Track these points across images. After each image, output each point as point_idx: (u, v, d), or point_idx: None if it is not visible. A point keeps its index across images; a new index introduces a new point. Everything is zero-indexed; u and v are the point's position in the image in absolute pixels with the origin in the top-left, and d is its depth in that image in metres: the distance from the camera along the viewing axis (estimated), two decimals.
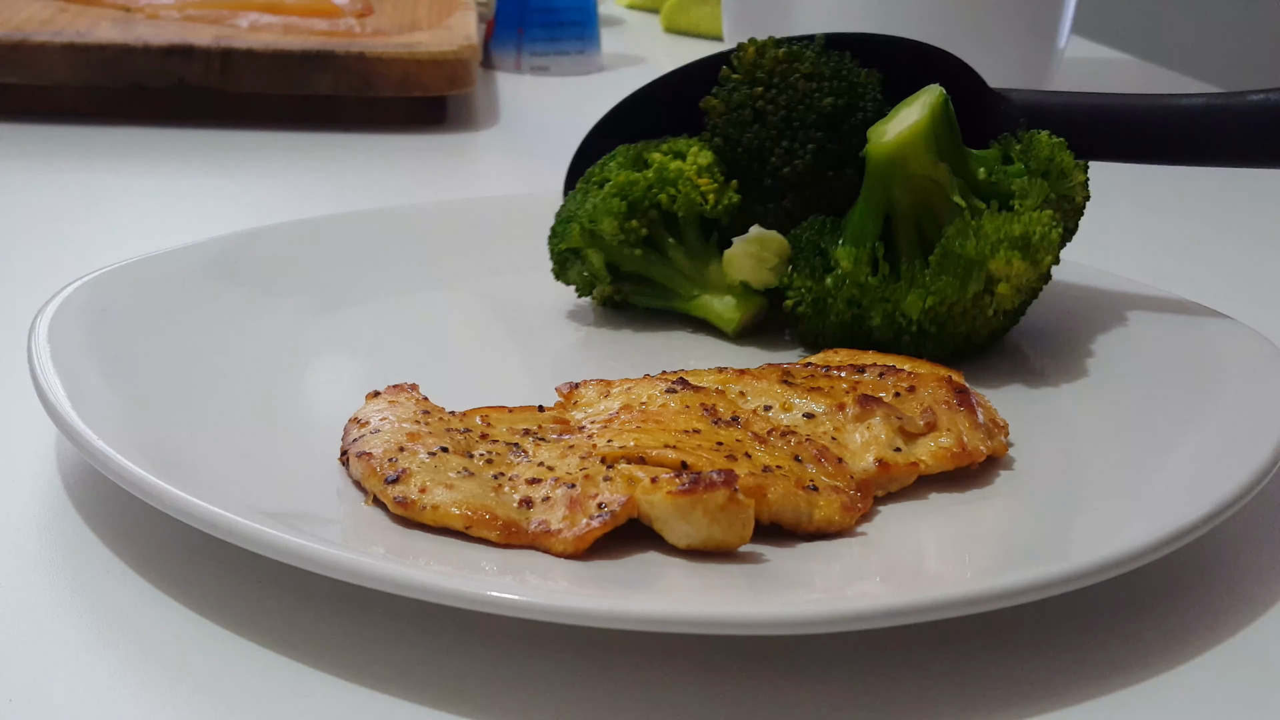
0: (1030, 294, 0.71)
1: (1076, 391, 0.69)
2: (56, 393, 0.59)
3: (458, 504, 0.54)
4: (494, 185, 1.13)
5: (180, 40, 1.18)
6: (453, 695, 0.48)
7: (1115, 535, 0.53)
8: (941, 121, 0.68)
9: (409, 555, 0.52)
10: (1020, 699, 0.49)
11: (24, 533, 0.57)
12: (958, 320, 0.69)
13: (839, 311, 0.71)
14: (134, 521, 0.57)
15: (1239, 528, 0.60)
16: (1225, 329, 0.72)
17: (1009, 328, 0.73)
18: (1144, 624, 0.53)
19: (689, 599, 0.51)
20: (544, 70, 1.49)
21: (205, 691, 0.48)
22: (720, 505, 0.53)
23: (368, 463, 0.56)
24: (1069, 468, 0.62)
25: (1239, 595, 0.56)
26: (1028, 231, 0.67)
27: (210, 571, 0.54)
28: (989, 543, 0.57)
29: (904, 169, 0.69)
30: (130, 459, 0.54)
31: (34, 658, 0.49)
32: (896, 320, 0.69)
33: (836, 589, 0.53)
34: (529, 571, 0.51)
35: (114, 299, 0.70)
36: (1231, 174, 1.24)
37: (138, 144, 1.17)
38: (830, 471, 0.58)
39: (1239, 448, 0.59)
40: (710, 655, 0.50)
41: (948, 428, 0.61)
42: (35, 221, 0.97)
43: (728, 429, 0.60)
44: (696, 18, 1.75)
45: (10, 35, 1.17)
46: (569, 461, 0.57)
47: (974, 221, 0.68)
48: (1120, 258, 0.86)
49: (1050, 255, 0.68)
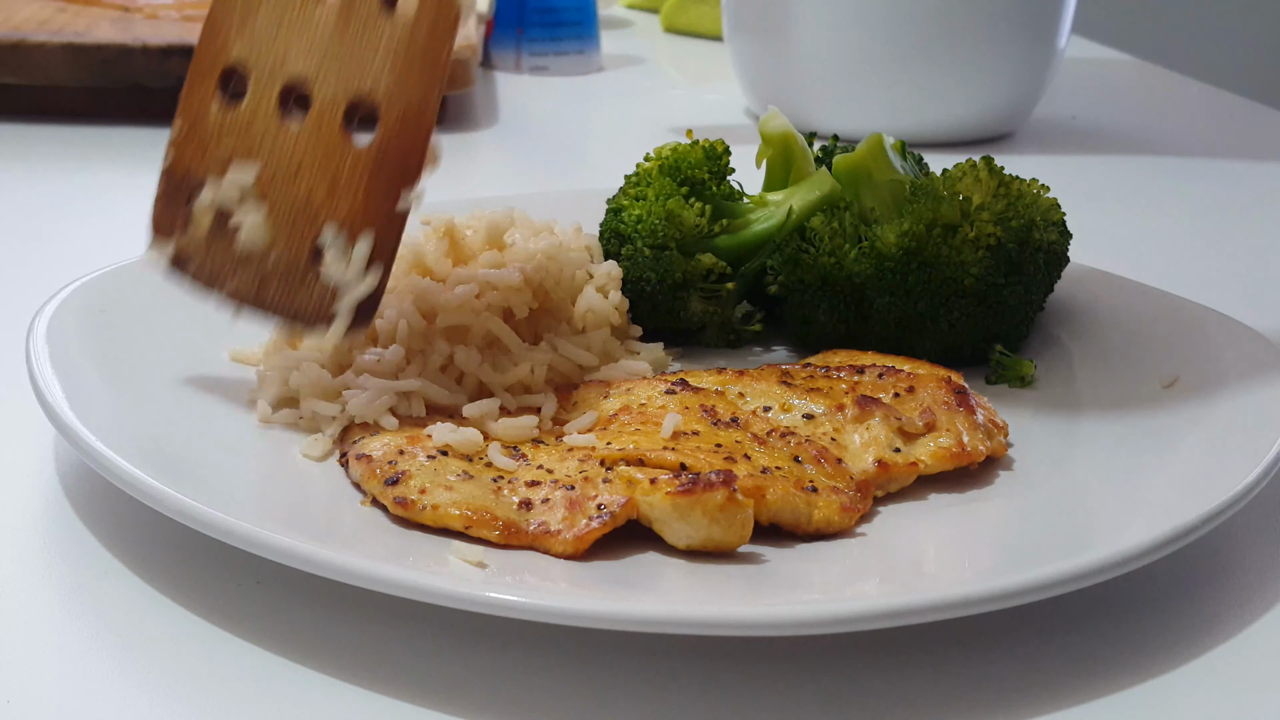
0: (1014, 246, 0.70)
1: (1076, 392, 0.69)
2: (55, 393, 0.59)
3: (457, 504, 0.54)
4: (493, 185, 1.13)
5: (179, 40, 1.18)
6: (452, 695, 0.48)
7: (1115, 535, 0.52)
8: (883, 148, 0.74)
9: (408, 557, 0.52)
10: (1020, 699, 0.49)
11: (22, 533, 0.57)
12: (937, 245, 0.69)
13: (821, 259, 0.71)
14: (132, 523, 0.57)
15: (1239, 528, 0.60)
16: (1225, 329, 0.72)
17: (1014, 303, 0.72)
18: (1144, 624, 0.53)
19: (688, 600, 0.51)
20: (543, 70, 1.49)
21: (204, 691, 0.48)
22: (719, 505, 0.53)
23: (367, 465, 0.56)
24: (1069, 468, 0.62)
25: (1239, 595, 0.55)
26: (992, 165, 0.71)
27: (208, 573, 0.54)
28: (988, 543, 0.57)
29: (867, 174, 0.74)
30: (128, 460, 0.54)
31: (33, 658, 0.49)
32: (877, 249, 0.70)
33: (836, 590, 0.53)
34: (529, 572, 0.51)
35: (113, 300, 0.70)
36: (1231, 174, 1.24)
37: (137, 144, 1.16)
38: (830, 472, 0.58)
39: (1239, 448, 0.59)
40: (710, 655, 0.50)
41: (947, 428, 0.61)
42: (34, 221, 0.97)
43: (727, 430, 0.60)
44: (696, 18, 1.75)
45: (9, 35, 1.17)
46: (568, 464, 0.57)
47: (939, 177, 0.72)
48: (1120, 258, 0.86)
49: (1018, 182, 0.71)
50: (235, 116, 0.62)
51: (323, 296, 0.60)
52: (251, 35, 0.62)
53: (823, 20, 1.21)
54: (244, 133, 0.62)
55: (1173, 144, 1.33)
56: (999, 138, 1.28)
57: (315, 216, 0.60)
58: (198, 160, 0.63)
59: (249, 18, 0.62)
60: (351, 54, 0.60)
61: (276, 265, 0.61)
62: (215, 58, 0.63)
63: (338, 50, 0.61)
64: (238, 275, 0.62)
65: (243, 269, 0.62)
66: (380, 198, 0.59)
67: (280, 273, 0.61)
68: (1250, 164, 1.28)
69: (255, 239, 0.61)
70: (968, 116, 1.24)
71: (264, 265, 0.61)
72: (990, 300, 0.70)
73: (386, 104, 0.60)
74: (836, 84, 1.22)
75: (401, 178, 0.59)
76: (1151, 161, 1.26)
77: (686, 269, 0.74)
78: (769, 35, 1.25)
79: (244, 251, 0.61)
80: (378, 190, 0.59)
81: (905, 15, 1.19)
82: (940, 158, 0.82)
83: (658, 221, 0.73)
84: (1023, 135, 1.30)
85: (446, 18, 0.59)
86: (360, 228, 0.60)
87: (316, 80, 0.61)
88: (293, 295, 0.61)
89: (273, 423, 0.62)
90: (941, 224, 0.70)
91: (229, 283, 0.62)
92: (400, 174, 0.59)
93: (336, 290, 0.60)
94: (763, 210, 0.76)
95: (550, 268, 0.70)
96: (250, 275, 0.61)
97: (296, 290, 0.60)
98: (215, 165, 0.62)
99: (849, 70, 1.21)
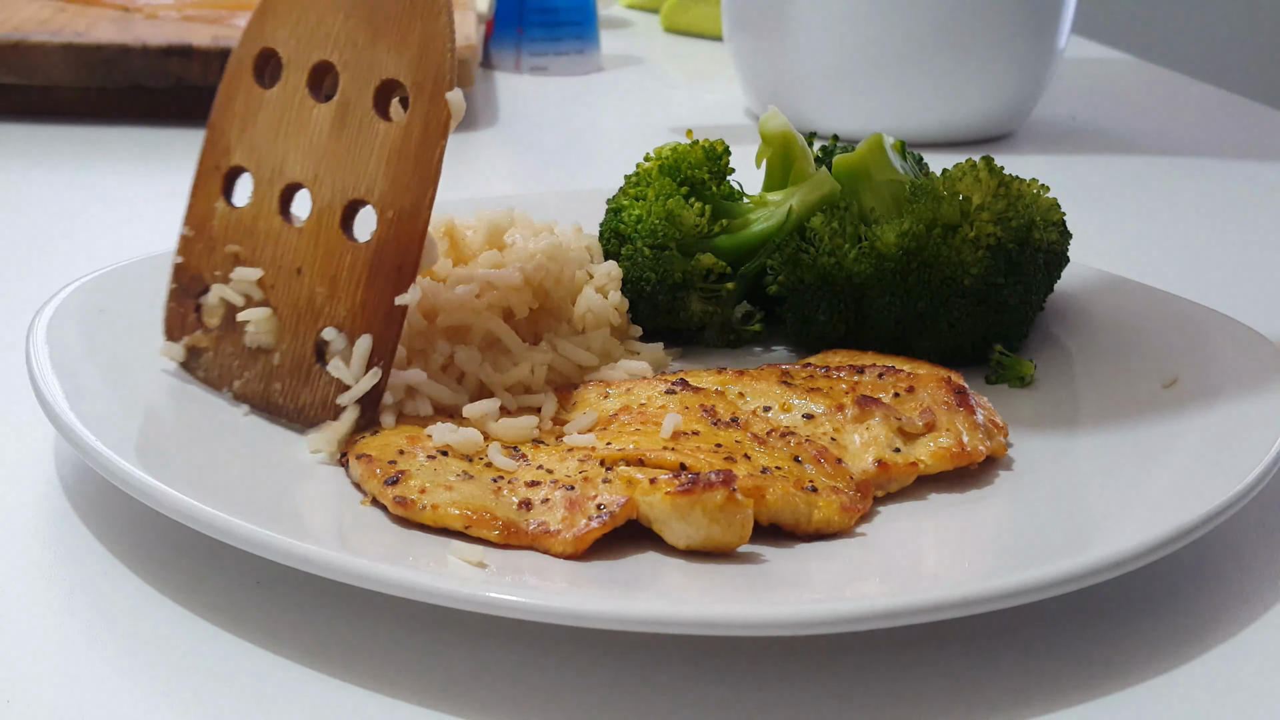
0: (1014, 245, 0.70)
1: (1076, 392, 0.69)
2: (54, 393, 0.59)
3: (457, 504, 0.54)
4: (493, 184, 1.13)
5: (179, 40, 1.18)
6: (452, 695, 0.48)
7: (1115, 535, 0.52)
8: (883, 148, 0.75)
9: (407, 557, 0.52)
10: (1020, 699, 0.49)
11: (22, 533, 0.57)
12: (937, 245, 0.69)
13: (821, 259, 0.71)
14: (132, 522, 0.57)
15: (1239, 528, 0.60)
16: (1225, 329, 0.72)
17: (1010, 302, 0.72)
18: (1144, 624, 0.53)
19: (688, 600, 0.51)
20: (543, 70, 1.49)
21: (204, 691, 0.48)
22: (719, 505, 0.53)
23: (367, 465, 0.56)
24: (1069, 468, 0.62)
25: (1239, 595, 0.55)
26: (992, 165, 0.71)
27: (209, 573, 0.54)
28: (988, 543, 0.57)
29: (867, 174, 0.74)
30: (128, 460, 0.54)
31: (33, 658, 0.49)
32: (877, 250, 0.70)
33: (836, 590, 0.53)
34: (528, 572, 0.51)
35: (113, 299, 0.70)
36: (1231, 174, 1.24)
37: (137, 144, 1.16)
38: (830, 472, 0.58)
39: (1239, 448, 0.59)
40: (710, 655, 0.50)
41: (947, 428, 0.61)
42: (34, 221, 0.97)
43: (727, 430, 0.60)
44: (696, 18, 1.75)
45: (9, 35, 1.17)
46: (568, 464, 0.57)
47: (939, 177, 0.72)
48: (1120, 258, 0.86)
49: (1018, 182, 0.71)
50: (239, 219, 0.64)
51: (326, 393, 0.61)
52: (251, 140, 0.64)
53: (823, 20, 1.21)
54: (248, 234, 0.64)
55: (1173, 144, 1.33)
56: (999, 138, 1.28)
57: (318, 316, 0.62)
58: (204, 261, 0.64)
59: (249, 123, 0.64)
60: (347, 157, 0.62)
61: (282, 364, 0.62)
62: (218, 162, 0.64)
63: (334, 153, 0.62)
64: (245, 373, 0.63)
65: (250, 367, 0.63)
66: (378, 297, 0.61)
67: (286, 371, 0.62)
68: (1250, 164, 1.28)
69: (261, 338, 0.63)
70: (968, 116, 1.24)
71: (270, 364, 0.62)
72: (990, 300, 0.70)
73: (381, 206, 0.61)
74: (836, 84, 1.22)
75: (398, 277, 0.60)
76: (1151, 161, 1.26)
77: (686, 269, 0.74)
78: (769, 35, 1.24)
79: (251, 350, 0.63)
80: (375, 290, 0.61)
81: (905, 15, 1.19)
82: (940, 158, 0.82)
83: (658, 221, 0.73)
84: (1023, 135, 1.30)
85: (437, 121, 0.60)
86: (360, 327, 0.61)
87: (315, 183, 0.62)
88: (298, 393, 0.62)
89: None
90: (941, 224, 0.70)
91: (237, 381, 0.63)
92: (396, 274, 0.60)
93: (339, 387, 0.61)
94: (763, 210, 0.76)
95: (550, 268, 0.70)
96: (257, 373, 0.63)
97: (301, 388, 0.62)
98: (221, 266, 0.64)
99: (849, 70, 1.21)
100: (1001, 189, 0.70)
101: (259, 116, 0.63)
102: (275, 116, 0.63)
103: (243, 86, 0.64)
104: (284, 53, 0.63)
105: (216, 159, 0.64)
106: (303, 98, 0.63)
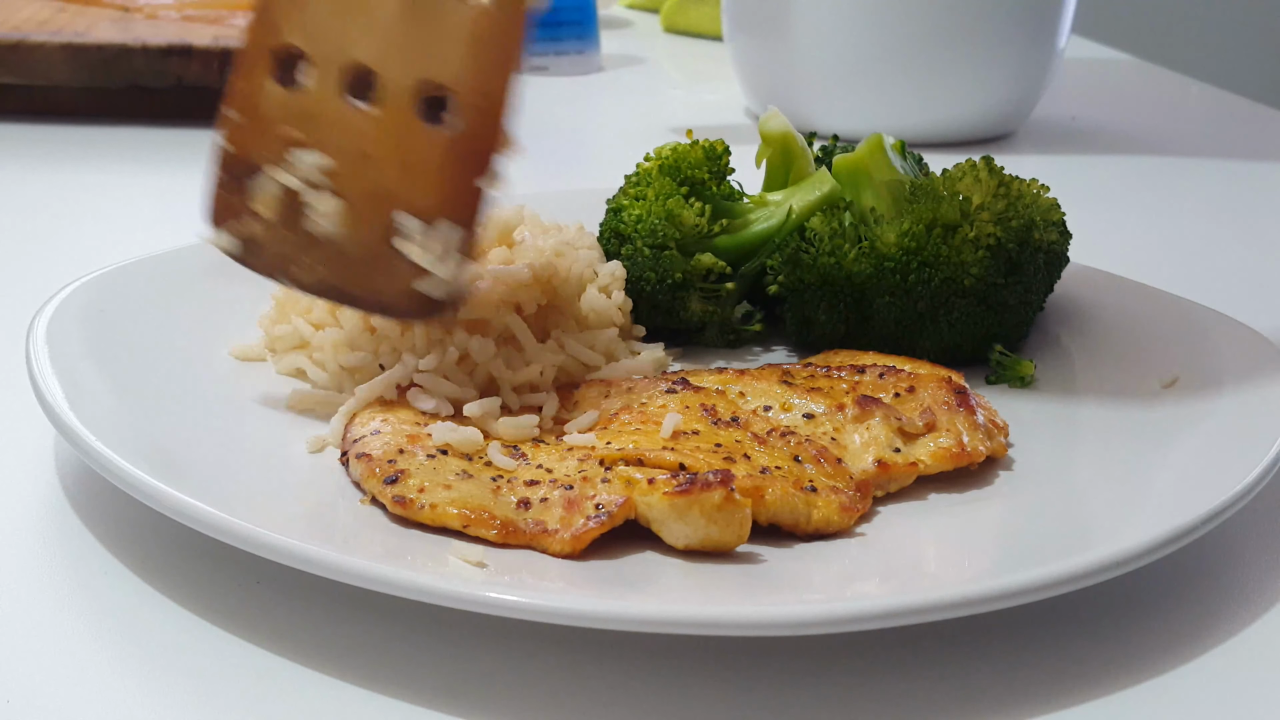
0: (1014, 246, 0.70)
1: (1076, 392, 0.69)
2: (54, 393, 0.59)
3: (455, 503, 0.54)
4: None
5: (179, 40, 1.18)
6: (452, 695, 0.48)
7: (1115, 535, 0.52)
8: (883, 148, 0.75)
9: (406, 556, 0.52)
10: (1020, 699, 0.49)
11: (22, 533, 0.57)
12: (937, 245, 0.69)
13: (821, 259, 0.71)
14: (132, 522, 0.57)
15: (1239, 528, 0.60)
16: (1225, 329, 0.72)
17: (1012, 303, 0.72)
18: (1144, 624, 0.53)
19: (687, 600, 0.51)
20: (543, 70, 1.49)
21: (204, 691, 0.48)
22: (717, 505, 0.53)
23: (367, 464, 0.56)
24: (1069, 468, 0.62)
25: (1239, 595, 0.55)
26: (992, 165, 0.71)
27: (209, 573, 0.54)
28: (988, 543, 0.57)
29: (867, 174, 0.74)
30: (128, 460, 0.54)
31: (33, 658, 0.49)
32: (877, 250, 0.70)
33: (835, 590, 0.53)
34: (527, 572, 0.51)
35: (112, 299, 0.70)
36: (1231, 174, 1.24)
37: (137, 144, 1.16)
38: (829, 472, 0.58)
39: (1239, 448, 0.59)
40: (708, 655, 0.50)
41: (947, 428, 0.61)
42: (34, 221, 0.97)
43: (727, 429, 0.60)
44: (696, 18, 1.75)
45: (9, 35, 1.17)
46: (568, 464, 0.57)
47: (939, 177, 0.72)
48: (1120, 258, 0.86)
49: (1018, 182, 0.71)
50: (294, 101, 0.61)
51: (405, 281, 0.59)
52: (306, 20, 0.61)
53: (823, 20, 1.21)
54: (306, 118, 0.61)
55: (1173, 144, 1.33)
56: (999, 138, 1.28)
57: (389, 201, 0.60)
58: (256, 146, 0.61)
59: (301, 2, 0.61)
60: (420, 39, 0.59)
61: (351, 250, 0.60)
62: (266, 43, 0.61)
63: (404, 35, 0.60)
64: (310, 261, 0.61)
65: (314, 254, 0.61)
66: (458, 183, 0.59)
67: (357, 259, 0.60)
68: (1250, 164, 1.28)
69: (326, 224, 0.60)
70: (968, 116, 1.24)
71: (338, 250, 0.60)
72: (990, 300, 0.70)
73: (460, 90, 0.59)
74: (836, 84, 1.22)
75: (479, 164, 0.59)
76: (1151, 161, 1.26)
77: (686, 269, 0.74)
78: (769, 35, 1.24)
79: (315, 237, 0.61)
80: (455, 176, 0.59)
81: (905, 15, 1.19)
82: (940, 158, 0.82)
83: (658, 221, 0.73)
84: (1023, 135, 1.30)
85: (520, 6, 0.59)
86: (439, 214, 0.59)
87: (383, 65, 0.60)
88: (372, 280, 0.60)
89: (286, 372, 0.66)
90: (941, 224, 0.70)
91: (300, 269, 0.61)
92: (477, 160, 0.59)
93: (421, 274, 0.59)
94: (763, 210, 0.76)
95: (559, 265, 0.70)
96: (323, 261, 0.60)
97: (375, 275, 0.60)
98: (276, 151, 0.61)
99: (849, 70, 1.21)
100: (1001, 189, 0.70)
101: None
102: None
103: None
104: None
105: (264, 38, 0.61)
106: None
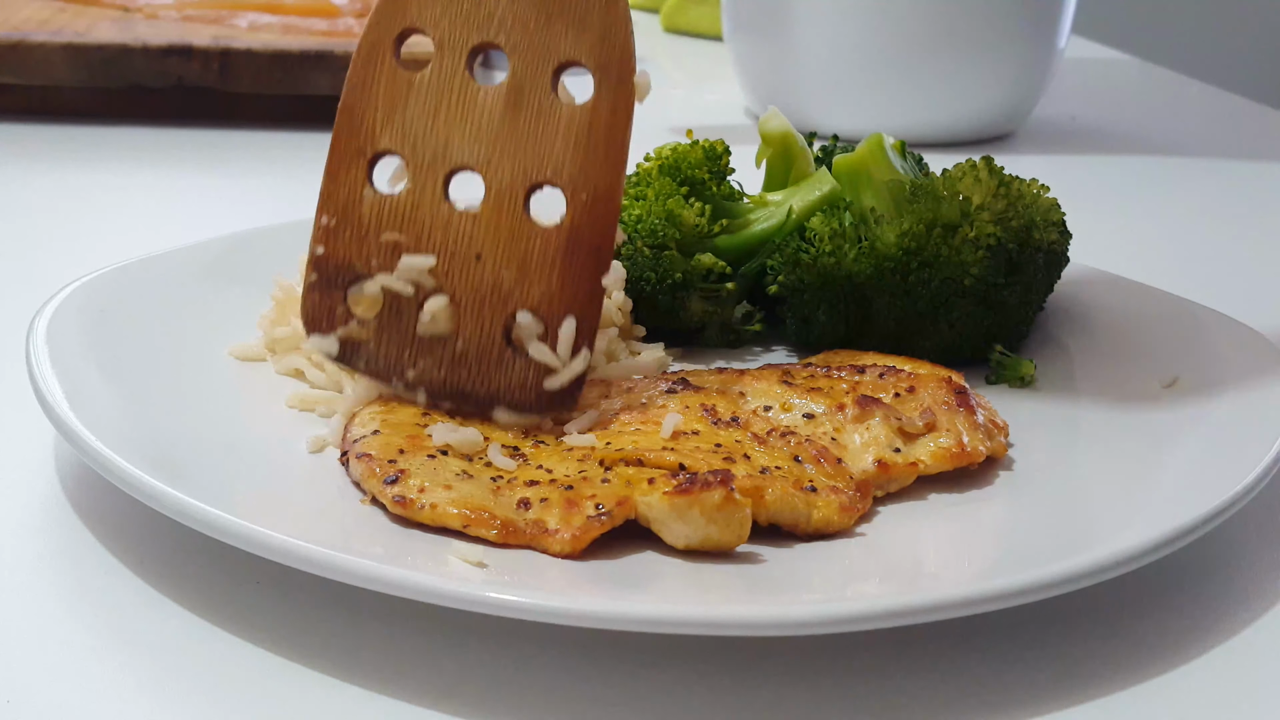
0: (1014, 245, 0.70)
1: (1076, 392, 0.69)
2: (55, 394, 0.59)
3: (455, 503, 0.54)
4: None
5: (179, 40, 1.18)
6: (451, 695, 0.48)
7: (1115, 535, 0.52)
8: (883, 148, 0.74)
9: (407, 556, 0.52)
10: (1020, 699, 0.49)
11: (22, 533, 0.57)
12: (937, 245, 0.69)
13: (821, 259, 0.71)
14: (132, 523, 0.57)
15: (1239, 528, 0.60)
16: (1225, 329, 0.72)
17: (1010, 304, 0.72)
18: (1144, 624, 0.53)
19: (686, 600, 0.51)
20: None
21: (204, 691, 0.48)
22: (716, 505, 0.53)
23: (367, 464, 0.56)
24: (1069, 468, 0.62)
25: (1239, 595, 0.55)
26: (992, 165, 0.71)
27: (209, 573, 0.54)
28: (988, 543, 0.57)
29: (867, 174, 0.74)
30: (128, 460, 0.54)
31: (33, 658, 0.49)
32: (877, 249, 0.70)
33: (835, 590, 0.53)
34: (527, 572, 0.51)
35: (112, 300, 0.70)
36: (1231, 174, 1.24)
37: (137, 144, 1.16)
38: (829, 472, 0.58)
39: (1239, 448, 0.59)
40: (708, 655, 0.50)
41: (947, 428, 0.61)
42: (34, 221, 0.97)
43: (727, 429, 0.60)
44: (696, 18, 1.75)
45: (9, 35, 1.17)
46: (568, 464, 0.57)
47: (939, 177, 0.72)
48: (1120, 258, 0.86)
49: (1018, 182, 0.71)
50: (395, 205, 0.62)
51: (524, 377, 0.61)
52: (402, 124, 0.62)
53: (823, 20, 1.21)
54: (408, 221, 0.62)
55: (1173, 144, 1.33)
56: (999, 138, 1.28)
57: (506, 300, 0.61)
58: (355, 251, 0.63)
59: (396, 107, 0.62)
60: (526, 140, 0.61)
61: (466, 350, 0.62)
62: (361, 146, 0.63)
63: (510, 136, 0.61)
64: (422, 361, 0.62)
65: (426, 355, 0.62)
66: (577, 278, 0.61)
67: (472, 358, 0.61)
68: (1250, 164, 1.28)
69: (438, 326, 0.62)
70: (968, 116, 1.24)
71: (452, 350, 0.62)
72: (990, 300, 0.70)
73: (572, 189, 0.61)
74: (836, 84, 1.22)
75: (597, 258, 0.61)
76: (1151, 161, 1.26)
77: (686, 269, 0.74)
78: (769, 35, 1.24)
79: (424, 338, 0.62)
80: (573, 272, 0.61)
81: (905, 15, 1.19)
82: (940, 158, 0.82)
83: (658, 221, 0.73)
84: (1023, 135, 1.30)
85: (626, 102, 0.61)
86: (558, 310, 0.61)
87: (488, 166, 0.62)
88: (490, 378, 0.61)
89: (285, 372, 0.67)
90: (941, 224, 0.70)
91: (412, 369, 0.62)
92: (594, 256, 0.61)
93: (544, 370, 0.61)
94: (763, 210, 0.76)
95: None
96: (435, 361, 0.62)
97: (493, 373, 0.61)
98: (377, 254, 0.62)
99: (849, 70, 1.21)
100: (1001, 189, 0.70)
101: (409, 99, 0.62)
102: (432, 99, 0.62)
103: (384, 69, 0.62)
104: (434, 34, 0.62)
105: (359, 143, 0.63)
106: (464, 80, 0.62)
